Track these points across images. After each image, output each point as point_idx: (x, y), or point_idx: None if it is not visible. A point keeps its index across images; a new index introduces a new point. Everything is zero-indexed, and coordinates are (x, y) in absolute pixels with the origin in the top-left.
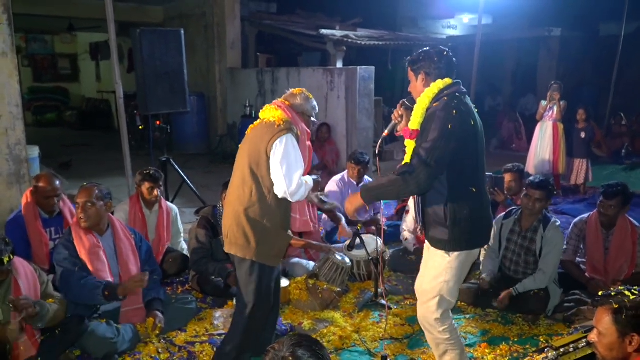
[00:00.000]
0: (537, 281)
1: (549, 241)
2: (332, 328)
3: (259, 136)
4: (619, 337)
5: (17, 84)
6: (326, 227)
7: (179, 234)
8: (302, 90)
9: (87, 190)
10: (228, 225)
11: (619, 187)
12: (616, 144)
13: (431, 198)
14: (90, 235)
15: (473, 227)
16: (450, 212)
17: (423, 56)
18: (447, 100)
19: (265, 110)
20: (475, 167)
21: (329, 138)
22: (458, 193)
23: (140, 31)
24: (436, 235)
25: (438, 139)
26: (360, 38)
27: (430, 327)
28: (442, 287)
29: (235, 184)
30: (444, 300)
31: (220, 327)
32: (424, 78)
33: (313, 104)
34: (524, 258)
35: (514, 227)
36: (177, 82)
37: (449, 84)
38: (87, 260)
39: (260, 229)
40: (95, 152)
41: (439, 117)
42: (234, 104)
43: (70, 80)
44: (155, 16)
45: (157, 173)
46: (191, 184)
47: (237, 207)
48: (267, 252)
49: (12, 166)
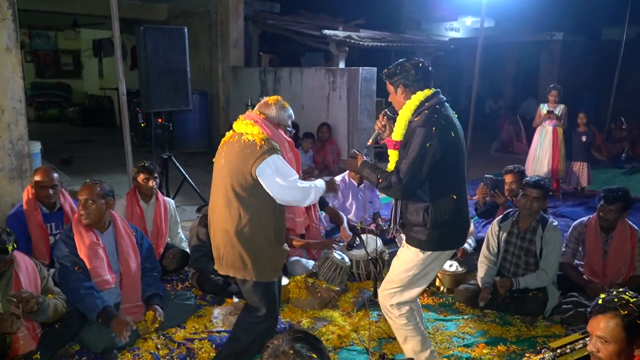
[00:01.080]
0: (539, 279)
1: (549, 241)
2: (331, 327)
3: (241, 157)
4: (629, 342)
5: (21, 79)
6: (326, 227)
7: (177, 225)
8: (278, 98)
9: (89, 187)
10: (221, 249)
11: (619, 192)
12: (616, 148)
13: (411, 204)
14: (90, 232)
15: (451, 231)
16: (432, 218)
17: (399, 69)
18: (428, 115)
19: (240, 124)
20: (457, 174)
21: (330, 138)
22: (439, 200)
23: (144, 28)
24: (415, 235)
25: (416, 157)
26: (363, 39)
27: (388, 312)
28: (408, 280)
29: (219, 204)
30: (404, 292)
31: (219, 324)
32: (402, 90)
33: (289, 112)
34: (524, 259)
35: (512, 229)
36: (180, 80)
37: (429, 95)
38: (85, 257)
39: (255, 248)
40: (97, 148)
41: (419, 134)
42: (236, 102)
43: (72, 77)
44: (160, 14)
45: (152, 165)
46: (192, 182)
47: (227, 230)
48: (265, 269)
49: (14, 161)
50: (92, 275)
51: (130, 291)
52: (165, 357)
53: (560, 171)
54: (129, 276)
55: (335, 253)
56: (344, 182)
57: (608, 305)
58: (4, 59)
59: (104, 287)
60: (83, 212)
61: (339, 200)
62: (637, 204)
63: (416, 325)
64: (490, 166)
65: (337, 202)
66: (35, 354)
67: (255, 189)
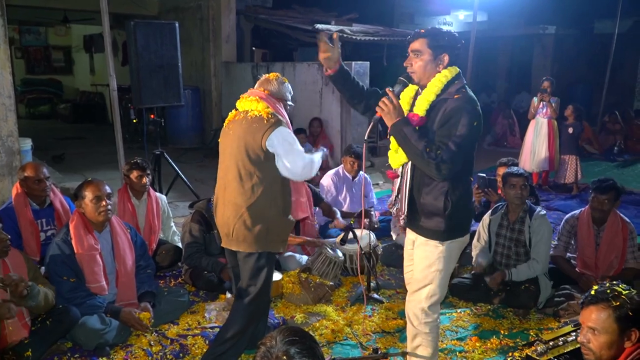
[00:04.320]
0: (530, 268)
1: (537, 230)
2: (325, 322)
3: (249, 132)
4: (620, 333)
5: (10, 75)
6: (320, 222)
7: (169, 219)
8: (277, 74)
9: (101, 183)
10: (231, 224)
11: (610, 182)
12: (609, 141)
13: (429, 189)
14: (89, 235)
15: (465, 215)
16: (451, 203)
17: (449, 37)
18: (468, 95)
19: (244, 101)
20: (473, 158)
21: (322, 132)
22: (458, 184)
23: (134, 23)
24: (430, 226)
25: (466, 136)
26: (356, 33)
27: (413, 317)
28: (434, 275)
29: (230, 180)
30: (434, 290)
31: (212, 320)
32: (443, 60)
33: (289, 87)
34: (515, 250)
35: (501, 222)
36: (172, 75)
37: (456, 73)
38: (83, 261)
39: (266, 220)
40: (89, 145)
41: (466, 112)
42: (229, 97)
43: (64, 73)
44: (151, 8)
45: (144, 161)
46: (185, 178)
47: (239, 204)
48: (274, 239)
49: (3, 158)
50: (88, 281)
51: (125, 289)
52: (158, 354)
53: (557, 161)
54: (125, 274)
55: (328, 248)
56: (338, 176)
57: (600, 296)
58: None
59: (100, 293)
60: (109, 207)
61: (332, 194)
62: (629, 196)
63: (435, 339)
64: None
65: (330, 195)
66: (26, 349)
67: (266, 162)
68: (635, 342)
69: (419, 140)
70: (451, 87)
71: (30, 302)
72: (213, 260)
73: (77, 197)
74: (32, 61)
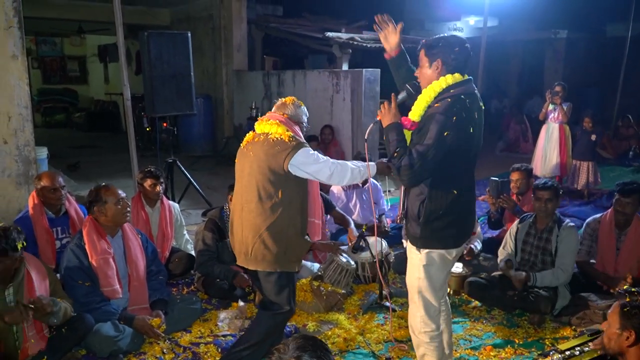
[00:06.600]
0: (555, 276)
1: (564, 240)
2: (337, 330)
3: (271, 154)
4: (619, 329)
5: (27, 86)
6: (331, 229)
7: (182, 228)
8: (293, 98)
9: (115, 188)
10: (250, 244)
11: (634, 185)
12: (623, 146)
13: (412, 194)
14: (102, 240)
15: (447, 227)
16: (425, 210)
17: (442, 42)
18: (450, 103)
19: (264, 124)
20: (463, 170)
21: (333, 139)
22: (437, 193)
23: (147, 34)
24: (411, 231)
25: (431, 145)
26: (366, 40)
27: (414, 326)
28: (418, 283)
29: (249, 200)
30: (424, 298)
31: (224, 329)
32: (438, 66)
33: (305, 110)
34: (541, 258)
35: (529, 230)
36: (184, 84)
37: (458, 81)
38: (97, 265)
39: (285, 239)
40: (103, 153)
41: (438, 121)
42: (241, 106)
43: (79, 82)
44: (163, 18)
45: (158, 170)
46: (197, 186)
47: (258, 224)
48: (291, 259)
49: (20, 167)
50: (102, 285)
51: (137, 293)
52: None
53: (569, 167)
54: (136, 278)
55: (340, 255)
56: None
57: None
58: (10, 66)
59: (114, 296)
60: (127, 211)
61: (343, 201)
62: None
63: (438, 347)
64: (496, 166)
65: (340, 203)
66: (42, 356)
67: (286, 183)
68: (630, 343)
69: (395, 146)
70: (446, 94)
71: (53, 319)
72: (226, 268)
73: (96, 202)
74: (48, 71)
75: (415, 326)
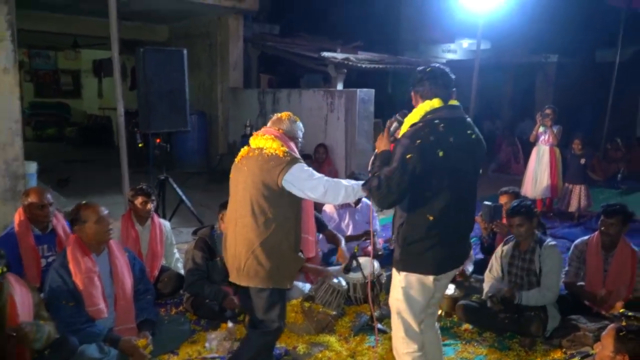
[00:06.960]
0: (541, 294)
1: (546, 260)
2: (327, 352)
3: (265, 169)
4: (613, 352)
5: (18, 99)
6: (323, 249)
7: (172, 246)
8: (289, 114)
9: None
10: (242, 259)
11: (617, 206)
12: (612, 169)
13: (396, 217)
14: (86, 257)
15: (426, 251)
16: (402, 233)
17: (418, 73)
18: (418, 127)
19: (259, 139)
20: (438, 196)
21: (327, 158)
22: (413, 217)
23: (143, 50)
24: (394, 252)
25: (396, 168)
26: (361, 61)
27: (396, 347)
28: (397, 305)
29: (242, 215)
30: (403, 320)
31: (213, 350)
32: (415, 97)
33: (300, 126)
34: (527, 279)
35: (513, 252)
36: (179, 101)
37: (435, 107)
38: (81, 284)
39: (278, 255)
40: (95, 168)
41: (402, 144)
42: (235, 123)
43: (72, 96)
44: (161, 34)
45: (149, 187)
46: (189, 203)
47: (252, 239)
48: (285, 276)
49: (7, 182)
50: (86, 304)
51: (124, 313)
52: None
53: (559, 189)
54: (123, 297)
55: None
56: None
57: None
58: (1, 79)
59: (99, 316)
60: (108, 229)
61: (335, 221)
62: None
63: None
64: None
65: (332, 223)
66: None
67: (280, 198)
68: None
69: (375, 170)
70: (422, 119)
71: (36, 344)
72: (216, 288)
73: (76, 221)
74: (41, 84)
75: (398, 347)
